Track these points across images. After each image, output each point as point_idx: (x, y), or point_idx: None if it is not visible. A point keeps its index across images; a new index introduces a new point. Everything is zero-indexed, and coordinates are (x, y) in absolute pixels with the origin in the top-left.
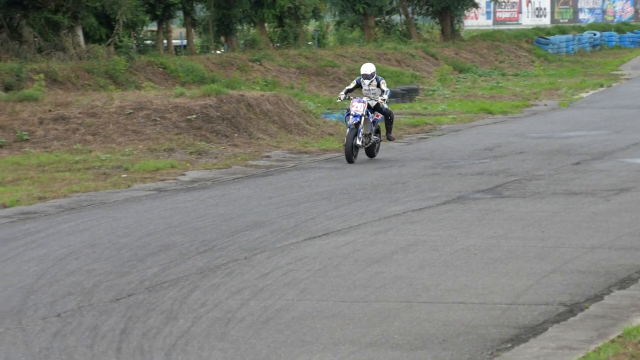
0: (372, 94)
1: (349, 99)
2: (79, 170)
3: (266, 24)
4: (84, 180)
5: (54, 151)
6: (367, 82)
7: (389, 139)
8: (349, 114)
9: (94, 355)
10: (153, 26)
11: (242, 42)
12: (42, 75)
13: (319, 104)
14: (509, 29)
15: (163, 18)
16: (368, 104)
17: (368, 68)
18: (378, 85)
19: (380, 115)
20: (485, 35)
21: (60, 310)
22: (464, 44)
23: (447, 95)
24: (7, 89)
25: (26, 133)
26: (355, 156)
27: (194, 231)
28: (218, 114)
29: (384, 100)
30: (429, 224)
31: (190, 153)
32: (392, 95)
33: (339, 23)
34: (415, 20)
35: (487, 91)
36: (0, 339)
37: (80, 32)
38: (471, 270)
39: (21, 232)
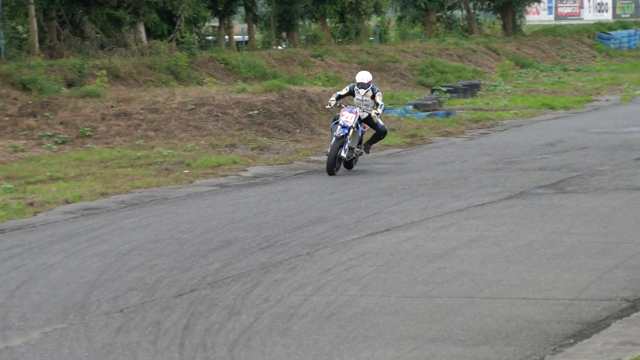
0: (365, 105)
1: (339, 106)
2: (141, 166)
3: (328, 20)
4: (146, 176)
5: (116, 147)
6: (362, 91)
7: (366, 150)
8: (336, 123)
9: (157, 351)
10: (215, 22)
11: (303, 37)
12: (104, 72)
13: None
14: (570, 24)
15: (225, 14)
16: (359, 115)
17: (365, 76)
18: (373, 97)
19: (367, 127)
20: (547, 31)
21: (123, 305)
22: (525, 39)
23: (508, 91)
24: (70, 85)
25: (88, 129)
26: (337, 169)
27: (256, 227)
28: (280, 109)
29: (377, 114)
30: (491, 219)
31: (252, 149)
32: (454, 90)
33: (400, 18)
34: (477, 15)
35: (549, 86)
36: (63, 335)
37: (142, 28)
38: (533, 265)
39: (84, 228)
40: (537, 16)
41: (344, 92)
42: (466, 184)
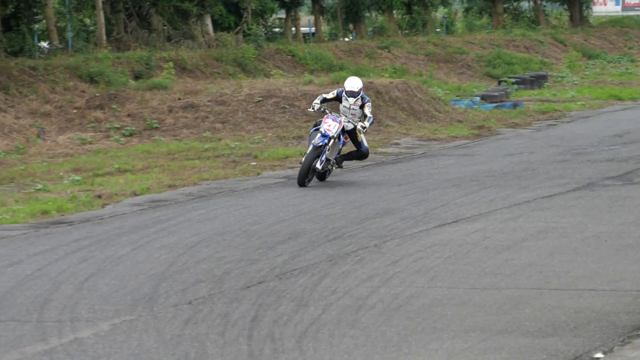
0: (352, 114)
1: (323, 111)
2: (208, 158)
3: (394, 11)
4: (214, 168)
5: (183, 139)
6: (351, 99)
7: (338, 163)
8: (316, 129)
9: (225, 343)
10: (281, 14)
11: (370, 29)
12: (171, 64)
13: (447, 91)
14: (637, 15)
15: (291, 6)
16: (344, 125)
17: (355, 83)
18: (362, 107)
19: (349, 139)
20: (614, 22)
21: (191, 297)
22: (592, 30)
23: (575, 82)
24: (137, 77)
25: (156, 121)
26: (309, 180)
27: (323, 219)
28: None
29: (364, 128)
30: (559, 210)
31: None
32: (521, 81)
33: (467, 10)
34: (544, 6)
35: (616, 77)
36: (132, 326)
37: (208, 21)
38: (602, 257)
39: (152, 220)
40: (604, 7)
41: (330, 95)
42: (534, 176)
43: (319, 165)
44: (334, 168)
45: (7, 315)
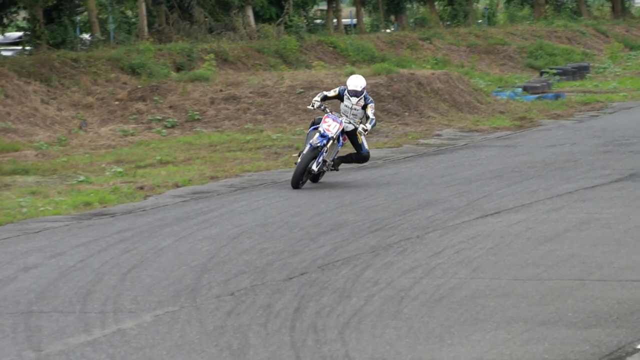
0: (353, 115)
1: (323, 109)
2: (250, 150)
3: (436, 3)
4: (256, 159)
5: (225, 131)
6: (354, 99)
7: (335, 165)
8: (315, 128)
9: (268, 334)
10: (323, 5)
11: (411, 20)
12: (212, 55)
13: (489, 82)
14: None
15: None
16: (344, 126)
17: (359, 82)
18: (364, 107)
19: (347, 140)
20: None
21: (233, 288)
22: (634, 21)
23: (618, 73)
24: (179, 69)
25: (197, 113)
26: (304, 182)
27: (365, 210)
28: (388, 92)
29: (365, 130)
30: (601, 201)
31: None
32: (563, 72)
33: (509, 1)
34: None
35: None
36: (175, 317)
37: (250, 12)
38: None
39: (194, 212)
40: None
41: (331, 93)
42: (576, 167)
43: (314, 167)
44: (329, 170)
45: (51, 307)
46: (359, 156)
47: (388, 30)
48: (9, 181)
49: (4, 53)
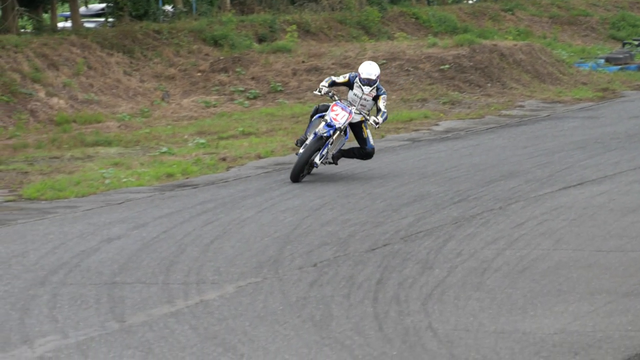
0: (362, 105)
1: (331, 95)
2: None
3: None
4: None
5: (307, 102)
6: (366, 88)
7: (335, 158)
8: (321, 116)
9: (351, 305)
10: None
11: None
12: (294, 27)
13: (571, 53)
14: None
15: None
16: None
17: (373, 70)
18: (375, 99)
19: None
20: None
21: (316, 260)
22: None
23: None
24: (261, 40)
25: (280, 84)
26: (304, 175)
27: (448, 181)
28: (471, 63)
29: (377, 124)
30: None
31: (444, 103)
32: None
33: None
34: None
35: None
36: (258, 289)
37: None
38: None
39: (276, 183)
40: None
41: (340, 79)
42: None
43: (317, 160)
44: (326, 164)
45: (134, 278)
46: (363, 151)
47: (470, 1)
48: (92, 152)
49: (87, 25)
